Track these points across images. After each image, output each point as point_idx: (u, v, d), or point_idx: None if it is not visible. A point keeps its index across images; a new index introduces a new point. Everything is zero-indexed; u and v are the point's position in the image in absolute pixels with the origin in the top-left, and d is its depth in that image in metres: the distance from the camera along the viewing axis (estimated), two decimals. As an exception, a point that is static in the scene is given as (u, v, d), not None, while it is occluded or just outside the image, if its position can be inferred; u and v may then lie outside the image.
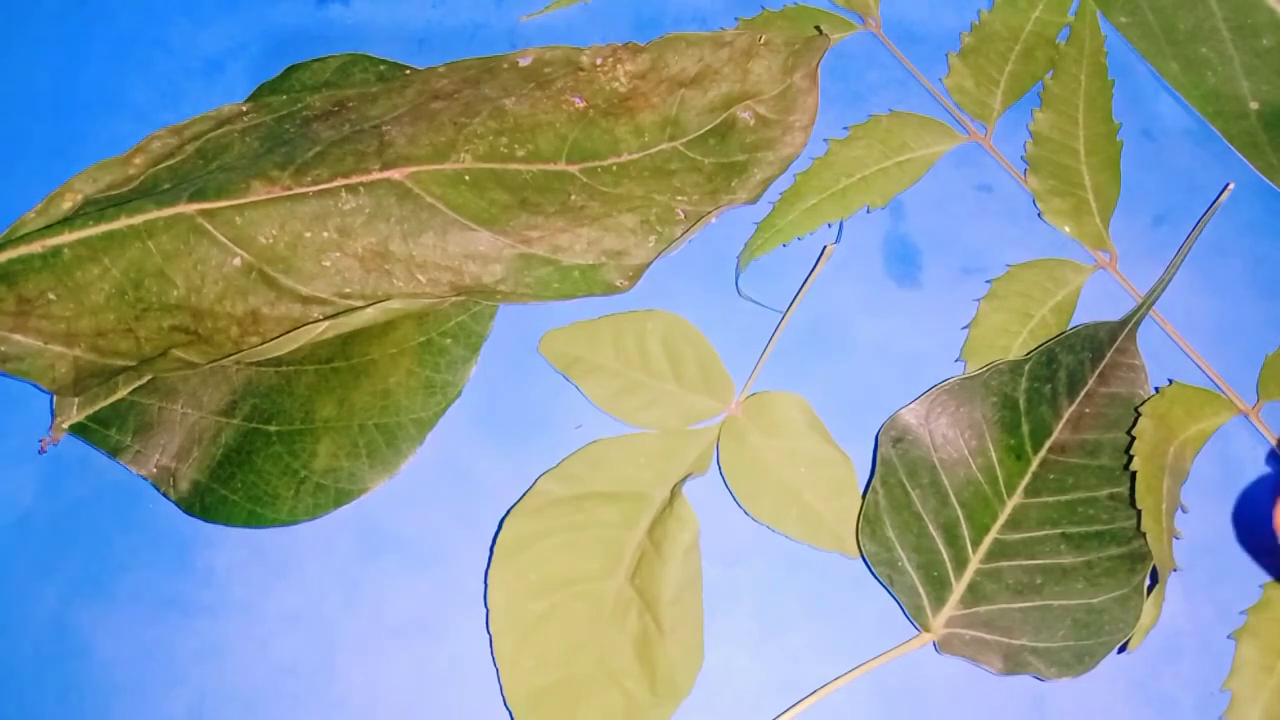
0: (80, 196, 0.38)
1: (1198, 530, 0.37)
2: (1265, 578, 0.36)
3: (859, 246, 0.40)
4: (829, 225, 0.40)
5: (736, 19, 0.43)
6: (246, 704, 0.36)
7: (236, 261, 0.37)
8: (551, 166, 0.39)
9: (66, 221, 0.36)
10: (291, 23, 0.43)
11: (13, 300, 0.36)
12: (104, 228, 0.36)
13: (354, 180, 0.37)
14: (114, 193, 0.38)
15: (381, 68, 0.41)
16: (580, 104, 0.39)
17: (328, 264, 0.37)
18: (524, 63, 0.40)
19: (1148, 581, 0.34)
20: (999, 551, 0.35)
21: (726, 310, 0.39)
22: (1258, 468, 0.38)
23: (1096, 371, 0.36)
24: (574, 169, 0.39)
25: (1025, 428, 0.36)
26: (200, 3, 0.44)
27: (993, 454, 0.36)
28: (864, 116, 0.41)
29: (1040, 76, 0.41)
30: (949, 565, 0.35)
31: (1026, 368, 0.36)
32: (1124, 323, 0.37)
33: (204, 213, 0.36)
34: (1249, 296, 0.39)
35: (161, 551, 0.37)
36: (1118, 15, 0.42)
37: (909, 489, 0.36)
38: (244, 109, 0.40)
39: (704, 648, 0.35)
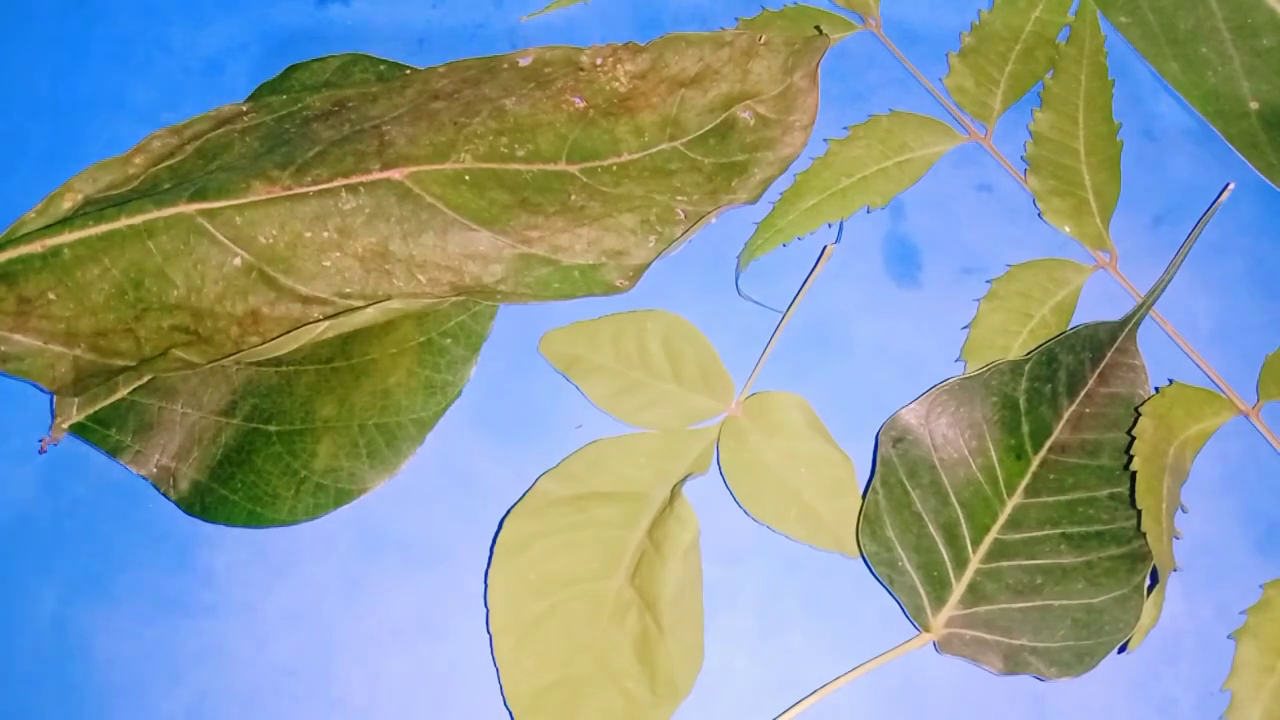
0: (80, 196, 0.38)
1: (1198, 530, 0.37)
2: (1265, 577, 0.36)
3: (859, 246, 0.40)
4: (829, 225, 0.40)
5: (736, 19, 0.42)
6: (246, 704, 0.36)
7: (236, 261, 0.37)
8: (551, 166, 0.39)
9: (66, 221, 0.36)
10: (291, 23, 0.43)
11: (13, 300, 0.36)
12: (104, 228, 0.36)
13: (354, 180, 0.37)
14: (114, 193, 0.38)
15: (381, 68, 0.41)
16: (580, 104, 0.39)
17: (328, 264, 0.37)
18: (524, 63, 0.40)
19: (1148, 581, 0.34)
20: (999, 551, 0.35)
21: (726, 310, 0.39)
22: (1258, 468, 0.38)
23: (1097, 371, 0.36)
24: (574, 169, 0.39)
25: (1025, 428, 0.36)
26: (200, 3, 0.44)
27: (993, 454, 0.36)
28: (864, 116, 0.41)
29: (1040, 76, 0.41)
30: (949, 565, 0.35)
31: (1026, 368, 0.36)
32: (1124, 323, 0.37)
33: (204, 213, 0.36)
34: (1249, 296, 0.39)
35: (161, 551, 0.37)
36: (1118, 15, 0.42)
37: (909, 489, 0.36)
38: (244, 109, 0.40)
39: (704, 648, 0.35)
